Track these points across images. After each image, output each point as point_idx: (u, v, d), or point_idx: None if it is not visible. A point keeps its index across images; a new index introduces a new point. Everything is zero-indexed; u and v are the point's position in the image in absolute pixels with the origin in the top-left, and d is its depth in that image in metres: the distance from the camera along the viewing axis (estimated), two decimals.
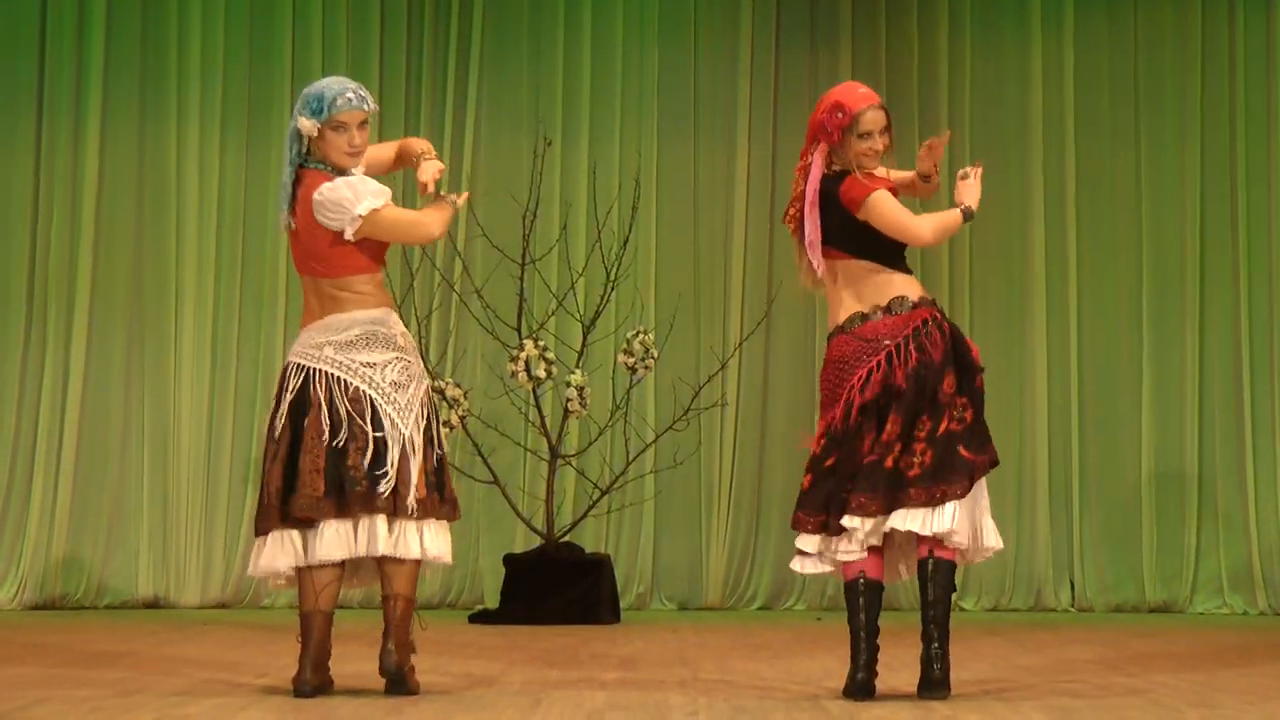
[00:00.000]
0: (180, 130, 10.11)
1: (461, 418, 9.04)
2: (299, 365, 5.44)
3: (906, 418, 5.33)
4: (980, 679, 5.85)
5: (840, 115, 5.43)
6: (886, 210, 5.41)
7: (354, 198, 5.36)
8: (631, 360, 9.14)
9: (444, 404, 8.93)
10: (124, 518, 9.85)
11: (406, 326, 5.66)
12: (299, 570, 5.30)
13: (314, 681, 5.25)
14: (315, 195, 5.39)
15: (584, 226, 10.10)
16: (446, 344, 9.95)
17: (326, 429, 5.32)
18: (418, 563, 5.33)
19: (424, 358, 9.21)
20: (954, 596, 9.88)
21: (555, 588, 8.89)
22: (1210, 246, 10.29)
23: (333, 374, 5.38)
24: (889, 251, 5.48)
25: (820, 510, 5.32)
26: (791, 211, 5.59)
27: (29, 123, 10.01)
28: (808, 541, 5.38)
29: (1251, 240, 10.26)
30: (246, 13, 10.22)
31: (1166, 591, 10.00)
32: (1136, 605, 9.97)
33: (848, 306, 5.47)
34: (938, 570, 5.30)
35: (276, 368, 9.87)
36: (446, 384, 9.08)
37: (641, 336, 9.17)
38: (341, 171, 5.42)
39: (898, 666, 5.75)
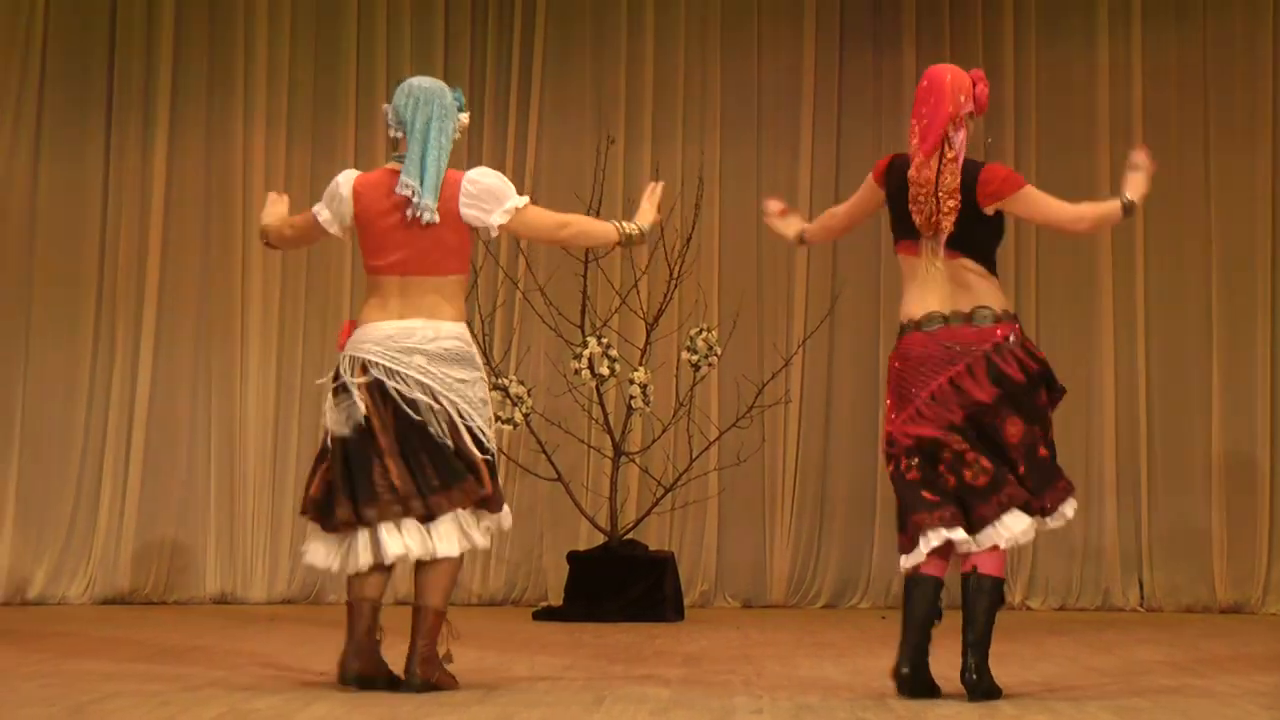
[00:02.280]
0: (247, 133, 10.20)
1: (525, 415, 9.06)
2: (381, 365, 5.40)
3: (979, 432, 5.23)
4: (1047, 679, 5.82)
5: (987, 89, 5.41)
6: (1041, 200, 5.31)
7: (505, 188, 5.53)
8: (695, 357, 9.14)
9: (507, 401, 8.95)
10: (192, 515, 9.94)
11: (470, 324, 5.68)
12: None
13: (355, 668, 5.26)
14: (466, 183, 5.49)
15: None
16: (510, 341, 9.98)
17: (407, 437, 5.34)
18: (450, 573, 5.37)
19: (488, 355, 9.32)
20: (1022, 597, 9.90)
21: (619, 585, 8.90)
22: None
23: (425, 383, 5.38)
24: (987, 252, 5.34)
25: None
26: (924, 192, 5.31)
27: (99, 128, 10.14)
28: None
29: None
30: (312, 15, 10.30)
31: (1238, 592, 9.90)
32: (1207, 606, 9.87)
33: (927, 303, 5.29)
34: (984, 585, 5.21)
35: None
36: (510, 381, 9.10)
37: (705, 334, 9.17)
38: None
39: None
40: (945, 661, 5.27)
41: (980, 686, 5.11)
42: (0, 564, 9.69)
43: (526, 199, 5.57)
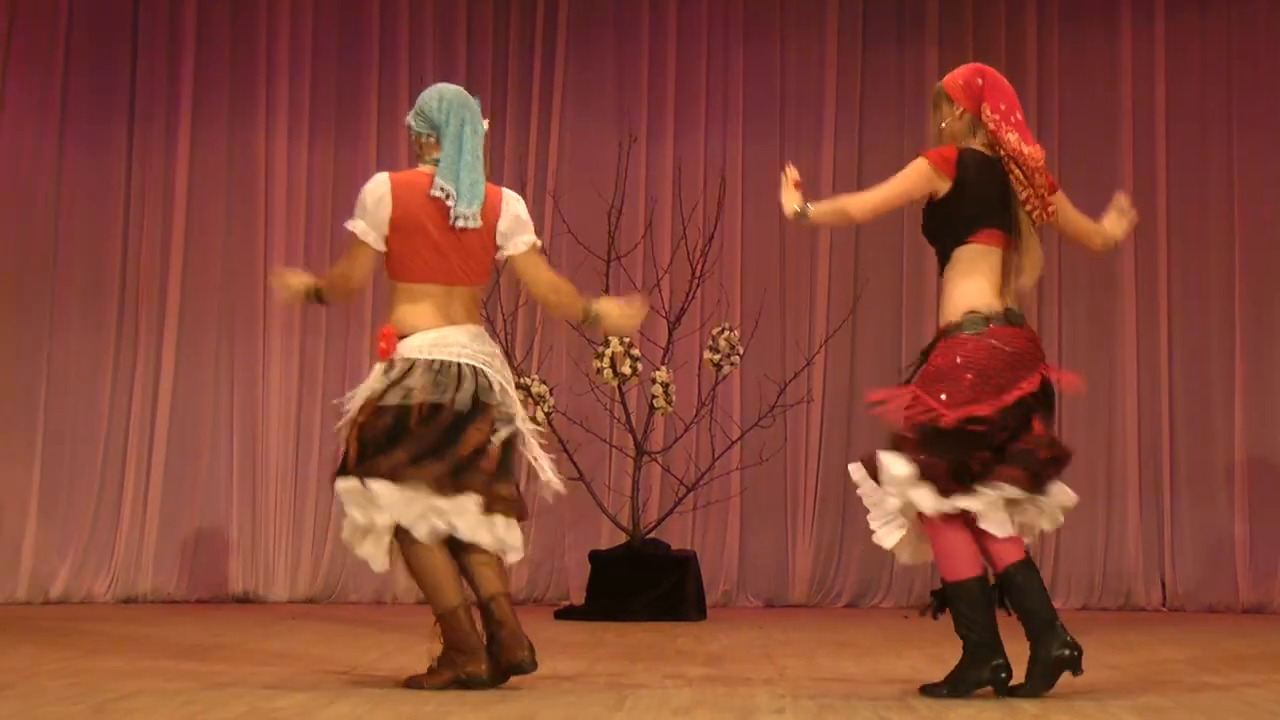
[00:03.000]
0: (269, 131, 10.23)
1: (547, 414, 9.06)
2: (472, 366, 5.40)
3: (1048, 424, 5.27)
4: (1070, 679, 5.80)
5: None
6: (1072, 210, 5.48)
7: (530, 221, 5.55)
8: (717, 357, 9.14)
9: (529, 400, 8.96)
10: (214, 514, 9.97)
11: (491, 324, 5.71)
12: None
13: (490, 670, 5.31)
14: (512, 201, 5.52)
15: (669, 223, 10.11)
16: (532, 341, 9.98)
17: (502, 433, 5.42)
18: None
19: (510, 354, 9.33)
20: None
21: (641, 584, 8.90)
22: None
23: (506, 387, 5.43)
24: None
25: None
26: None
27: (122, 125, 10.17)
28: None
29: None
30: (334, 13, 10.32)
31: (1260, 592, 9.88)
32: (1229, 606, 9.86)
33: (1005, 296, 5.28)
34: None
35: (363, 366, 9.97)
36: (532, 380, 9.11)
37: (727, 333, 9.17)
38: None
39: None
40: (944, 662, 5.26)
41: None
42: (23, 562, 9.73)
43: (538, 240, 5.57)
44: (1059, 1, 10.40)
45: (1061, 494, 5.33)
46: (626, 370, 9.05)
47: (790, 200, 5.31)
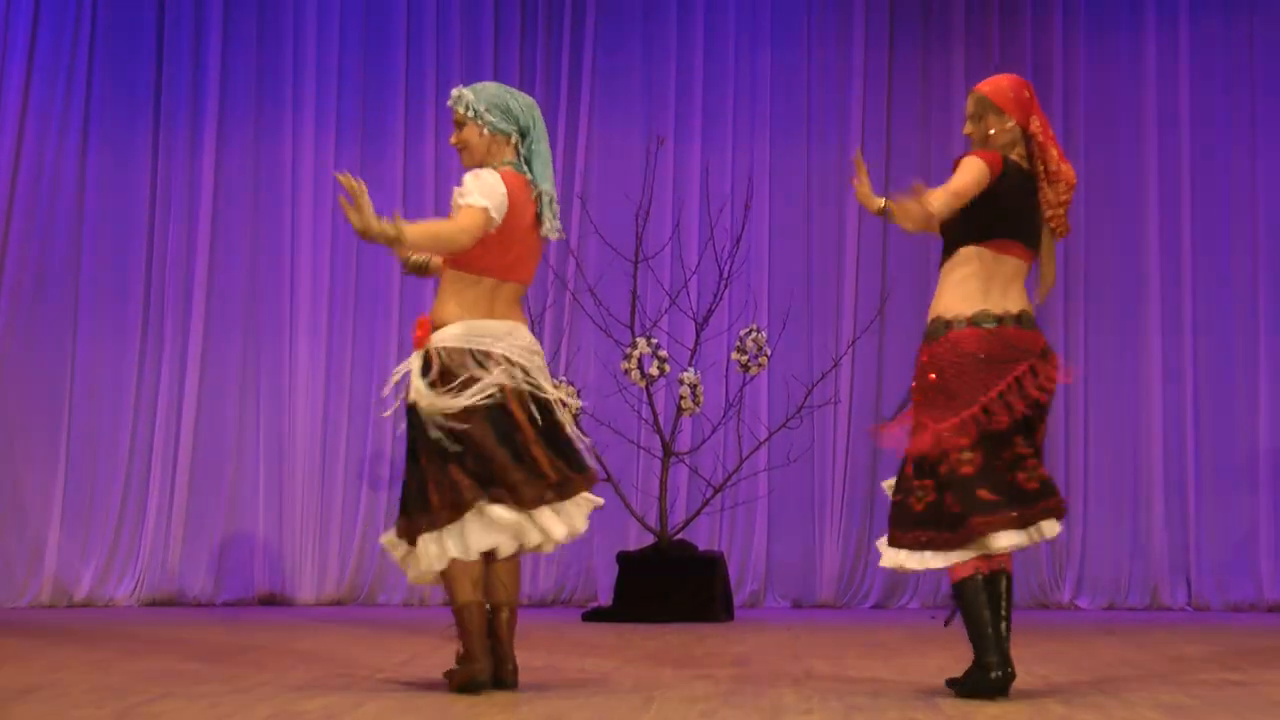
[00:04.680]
0: (295, 135, 10.25)
1: (575, 415, 9.05)
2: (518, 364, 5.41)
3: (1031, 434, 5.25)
4: (1095, 678, 5.80)
5: None
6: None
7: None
8: (744, 358, 9.14)
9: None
10: (240, 516, 9.99)
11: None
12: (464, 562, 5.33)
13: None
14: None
15: (696, 225, 10.12)
16: (560, 342, 10.00)
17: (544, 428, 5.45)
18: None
19: None
20: (1071, 597, 9.86)
21: (669, 585, 8.91)
22: None
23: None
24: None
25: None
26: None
27: (146, 129, 10.19)
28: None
29: None
30: (361, 16, 10.34)
31: None
32: (1254, 604, 9.85)
33: (1021, 300, 5.31)
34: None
35: (390, 367, 9.97)
36: (560, 382, 9.10)
37: (754, 334, 9.17)
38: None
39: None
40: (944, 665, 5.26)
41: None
42: (48, 566, 9.76)
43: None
44: (1084, 7, 10.38)
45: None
46: (654, 371, 9.06)
47: (871, 198, 5.26)
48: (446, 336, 5.36)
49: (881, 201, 5.18)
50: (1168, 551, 9.94)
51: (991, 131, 5.33)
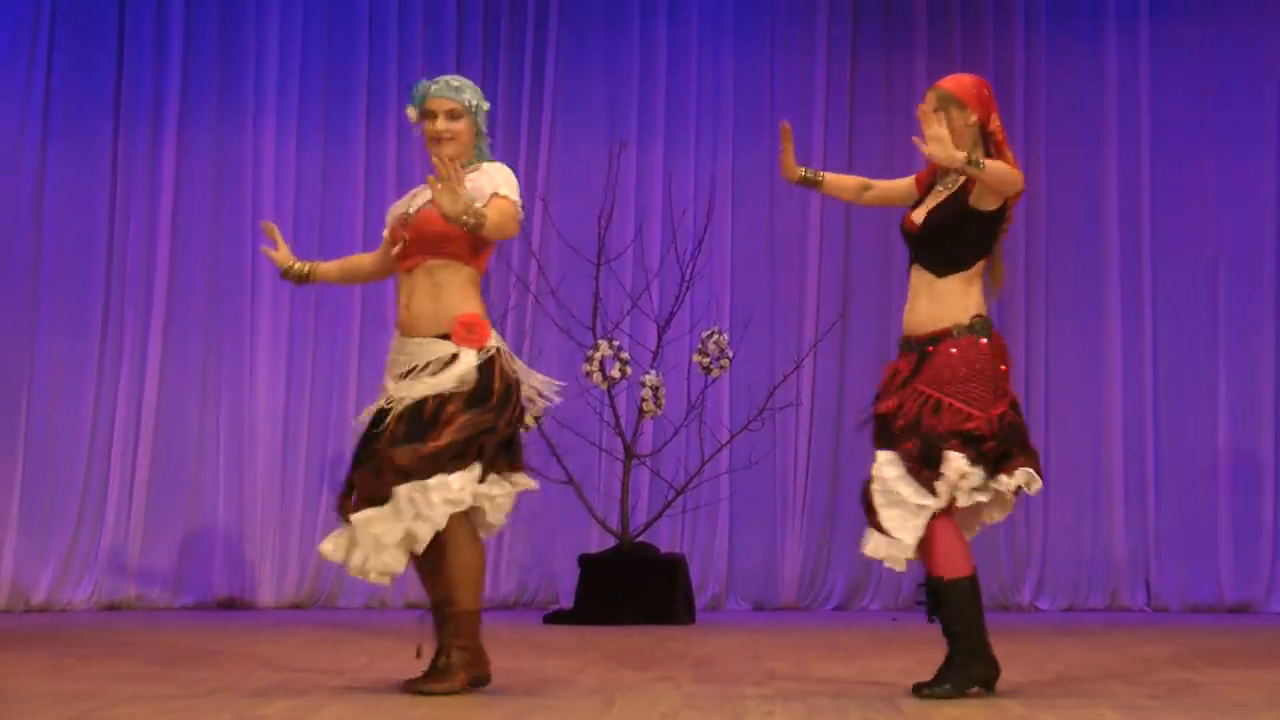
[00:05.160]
0: (256, 134, 10.20)
1: (536, 418, 9.06)
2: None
3: None
4: (1055, 679, 5.83)
5: None
6: None
7: None
8: (706, 360, 9.15)
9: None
10: (200, 518, 9.94)
11: None
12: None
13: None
14: None
15: (659, 228, 10.13)
16: (522, 343, 9.98)
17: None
18: None
19: None
20: (1031, 598, 9.89)
21: (630, 588, 8.91)
22: None
23: None
24: None
25: None
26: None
27: (107, 129, 10.12)
28: None
29: None
30: (323, 17, 10.30)
31: (1243, 591, 9.93)
32: (1213, 605, 9.92)
33: (982, 308, 5.39)
34: None
35: (352, 368, 9.98)
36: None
37: (716, 337, 9.18)
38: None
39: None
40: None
41: None
42: (5, 569, 9.66)
43: None
44: (1046, 12, 10.43)
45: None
46: (616, 374, 9.06)
47: (793, 167, 5.31)
48: (496, 338, 5.37)
49: (802, 171, 5.25)
50: (1128, 553, 10.00)
51: (955, 127, 5.32)
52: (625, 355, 9.08)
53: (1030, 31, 10.42)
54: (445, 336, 5.31)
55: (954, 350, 5.29)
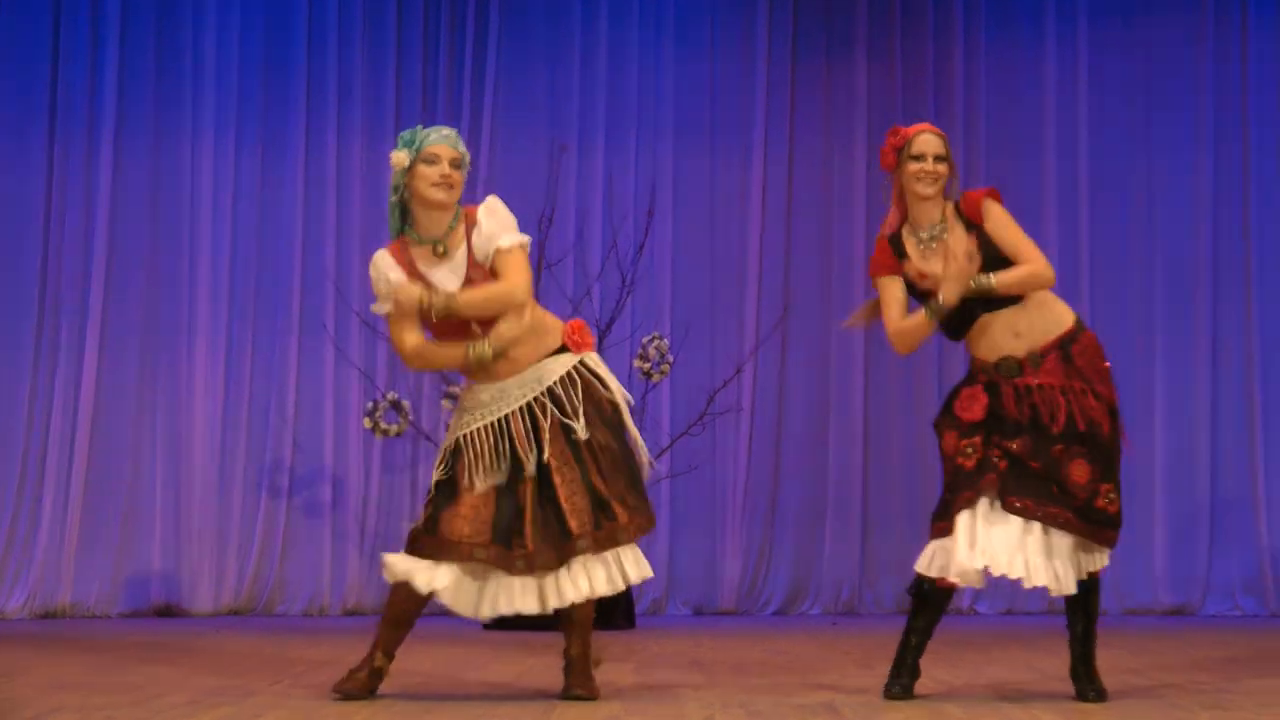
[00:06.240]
0: (195, 142, 10.12)
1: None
2: None
3: None
4: (994, 682, 5.85)
5: (894, 137, 5.46)
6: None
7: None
8: (647, 365, 9.14)
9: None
10: (136, 526, 9.86)
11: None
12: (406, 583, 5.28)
13: (364, 689, 5.27)
14: None
15: (599, 232, 10.12)
16: None
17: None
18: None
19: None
20: (971, 603, 9.96)
21: None
22: (1222, 250, 10.34)
23: None
24: None
25: None
26: None
27: (42, 133, 10.02)
28: None
29: (1264, 242, 10.30)
30: (261, 23, 10.24)
31: (1180, 595, 10.02)
32: (1150, 608, 10.00)
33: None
34: None
35: (290, 375, 9.92)
36: (461, 389, 9.06)
37: (657, 341, 9.18)
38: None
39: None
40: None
41: None
42: None
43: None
44: (985, 16, 10.50)
45: None
46: None
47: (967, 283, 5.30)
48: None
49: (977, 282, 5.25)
50: None
51: (951, 176, 5.41)
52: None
53: (970, 36, 10.48)
54: (556, 352, 5.35)
55: (1094, 351, 5.50)
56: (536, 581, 5.24)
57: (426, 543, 5.20)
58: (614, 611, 8.87)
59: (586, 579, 5.28)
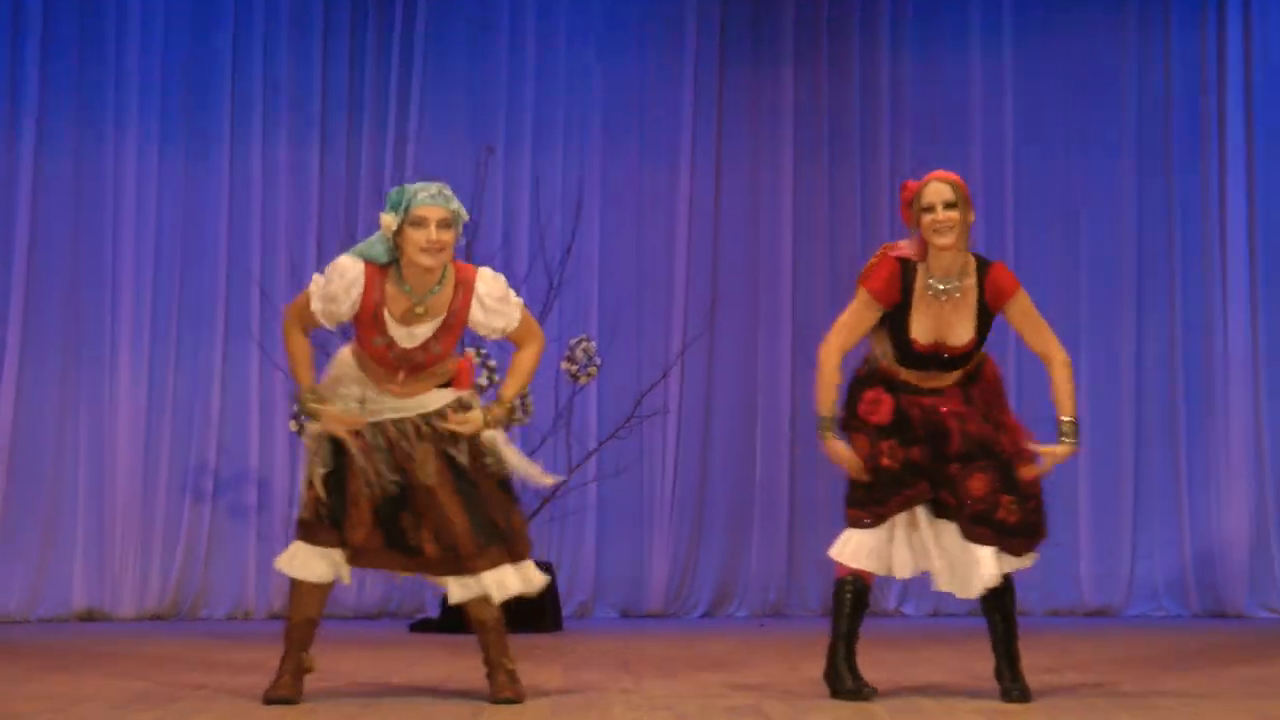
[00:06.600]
0: (117, 143, 10.01)
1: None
2: None
3: None
4: (919, 684, 5.89)
5: (904, 191, 5.54)
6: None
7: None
8: (574, 368, 9.14)
9: None
10: (59, 530, 9.74)
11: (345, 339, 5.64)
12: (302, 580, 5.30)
13: (294, 691, 5.25)
14: None
15: (526, 234, 10.11)
16: None
17: None
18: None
19: None
20: (897, 604, 10.03)
21: None
22: (1147, 257, 10.46)
23: None
24: None
25: None
26: None
27: None
28: None
29: (1187, 249, 10.41)
30: (186, 24, 10.16)
31: (1103, 596, 10.12)
32: (1074, 609, 10.08)
33: None
34: None
35: (215, 377, 9.85)
36: None
37: (584, 344, 9.17)
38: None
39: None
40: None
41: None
42: None
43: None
44: (911, 24, 10.56)
45: None
46: (484, 381, 9.01)
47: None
48: None
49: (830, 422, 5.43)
50: None
51: (969, 220, 5.45)
52: (493, 364, 9.04)
53: (896, 43, 10.55)
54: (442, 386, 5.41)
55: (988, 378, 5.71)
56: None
57: (327, 537, 5.24)
58: (542, 614, 8.88)
59: (477, 585, 5.33)
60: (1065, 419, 5.40)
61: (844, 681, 5.38)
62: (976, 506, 5.37)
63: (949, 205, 5.38)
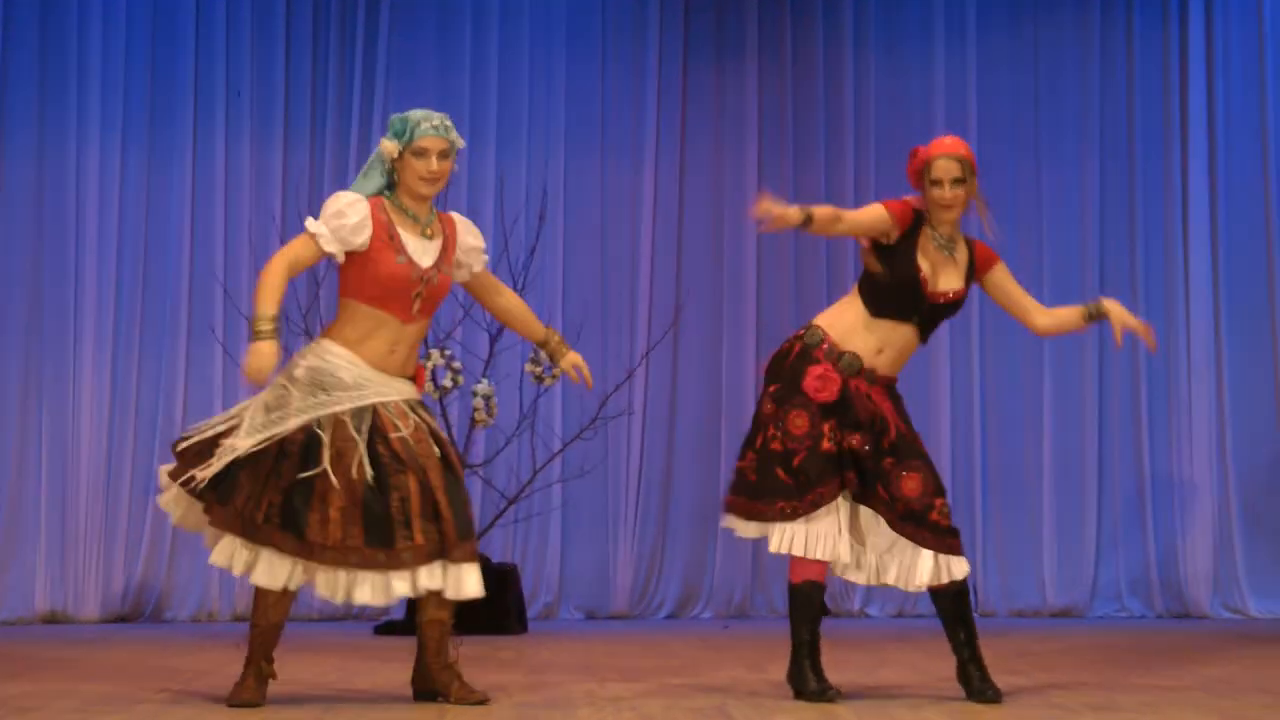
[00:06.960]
0: (80, 143, 9.94)
1: None
2: None
3: None
4: (885, 684, 5.90)
5: (914, 159, 5.58)
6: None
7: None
8: (538, 369, 9.13)
9: None
10: (20, 532, 9.68)
11: (311, 336, 5.62)
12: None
13: (258, 695, 5.22)
14: None
15: (490, 235, 10.05)
16: None
17: None
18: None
19: None
20: (861, 605, 10.04)
21: None
22: (1109, 258, 10.49)
23: None
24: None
25: None
26: None
27: None
28: None
29: (1149, 250, 10.46)
30: (149, 24, 10.10)
31: (1067, 596, 10.16)
32: (1038, 610, 10.12)
33: None
34: None
35: (178, 380, 9.81)
36: None
37: None
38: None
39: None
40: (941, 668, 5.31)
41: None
42: None
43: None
44: (874, 25, 10.58)
45: None
46: (448, 383, 9.01)
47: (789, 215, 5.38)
48: None
49: (798, 214, 5.41)
50: None
51: (974, 191, 5.68)
52: (457, 365, 9.03)
53: (859, 41, 10.56)
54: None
55: None
56: (385, 575, 5.22)
57: (291, 544, 5.16)
58: (506, 616, 8.87)
59: (455, 574, 5.30)
60: (1088, 302, 5.79)
61: (808, 683, 5.39)
62: (911, 505, 5.38)
63: (957, 182, 5.46)
